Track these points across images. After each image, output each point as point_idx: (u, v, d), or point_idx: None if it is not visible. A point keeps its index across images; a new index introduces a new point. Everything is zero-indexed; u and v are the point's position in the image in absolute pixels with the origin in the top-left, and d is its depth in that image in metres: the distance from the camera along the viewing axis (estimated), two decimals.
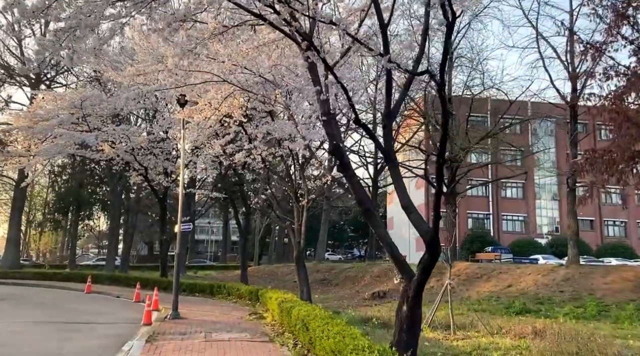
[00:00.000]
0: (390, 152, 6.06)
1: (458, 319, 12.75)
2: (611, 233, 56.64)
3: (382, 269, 23.23)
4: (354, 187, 6.56)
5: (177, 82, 8.20)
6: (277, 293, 13.67)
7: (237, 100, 9.18)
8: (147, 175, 22.99)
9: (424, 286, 6.66)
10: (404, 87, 6.44)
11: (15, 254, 35.83)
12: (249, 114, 13.42)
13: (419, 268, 6.51)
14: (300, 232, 15.34)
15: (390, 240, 6.79)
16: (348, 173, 6.47)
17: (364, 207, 6.62)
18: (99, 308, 16.02)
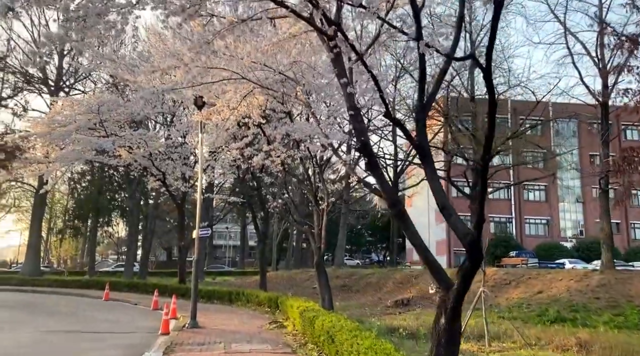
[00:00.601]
0: (425, 148, 5.50)
1: (491, 328, 12.06)
2: (638, 236, 55.02)
3: (405, 275, 22.52)
4: (383, 187, 6.01)
5: (193, 80, 7.77)
6: (298, 301, 13.13)
7: (256, 100, 8.73)
8: (165, 181, 22.74)
9: (464, 296, 6.05)
10: (437, 77, 5.89)
11: (35, 261, 35.98)
12: (268, 115, 12.96)
13: (458, 276, 5.91)
14: (320, 237, 14.81)
15: (424, 244, 6.21)
16: (376, 173, 5.92)
17: (395, 208, 6.06)
18: (116, 317, 15.68)
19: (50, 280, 28.45)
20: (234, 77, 8.11)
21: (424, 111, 5.66)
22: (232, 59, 8.32)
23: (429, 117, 23.72)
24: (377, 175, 5.89)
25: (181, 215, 24.81)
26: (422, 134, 5.51)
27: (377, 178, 5.88)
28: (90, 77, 35.63)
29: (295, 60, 8.80)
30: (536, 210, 53.21)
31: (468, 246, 5.55)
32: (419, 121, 5.56)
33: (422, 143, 5.51)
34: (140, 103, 18.52)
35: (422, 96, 5.48)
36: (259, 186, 20.46)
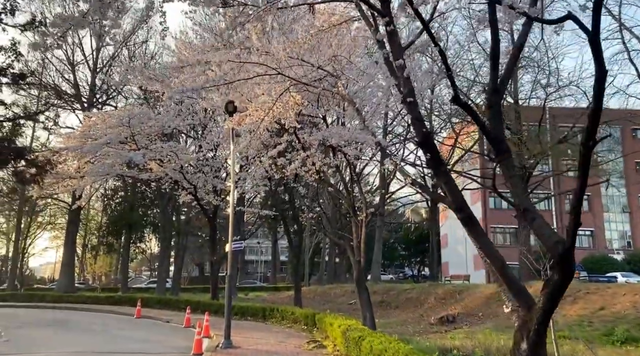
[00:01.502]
0: (500, 140, 4.59)
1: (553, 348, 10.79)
2: None
3: (447, 291, 21.23)
4: (450, 187, 5.11)
5: (225, 77, 7.10)
6: (338, 318, 12.16)
7: (292, 98, 8.02)
8: (196, 194, 22.28)
9: (551, 316, 5.02)
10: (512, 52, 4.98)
11: (70, 278, 36.09)
12: (302, 120, 12.19)
13: (544, 294, 4.89)
14: (360, 250, 13.86)
15: (500, 255, 5.23)
16: (441, 170, 5.04)
17: (463, 213, 5.13)
18: (147, 335, 15.04)
19: (84, 296, 28.28)
20: (270, 73, 7.39)
21: (498, 94, 4.75)
22: (267, 55, 7.59)
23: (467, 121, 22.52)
24: (441, 173, 4.99)
25: (213, 229, 24.26)
26: (497, 125, 4.59)
27: (442, 177, 4.99)
28: (122, 93, 35.96)
29: (335, 54, 8.02)
30: None
31: (559, 257, 4.55)
32: (492, 106, 4.65)
33: (498, 134, 4.58)
34: (170, 113, 18.16)
35: (496, 75, 4.58)
36: (292, 198, 19.69)
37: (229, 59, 6.58)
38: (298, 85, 8.10)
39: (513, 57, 5.08)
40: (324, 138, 12.00)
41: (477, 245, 5.39)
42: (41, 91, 31.58)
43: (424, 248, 72.29)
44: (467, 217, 5.15)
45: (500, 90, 4.88)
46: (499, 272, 5.29)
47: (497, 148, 4.66)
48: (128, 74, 21.99)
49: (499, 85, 4.78)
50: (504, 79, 4.95)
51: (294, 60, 7.53)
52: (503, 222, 51.63)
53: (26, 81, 19.54)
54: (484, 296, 18.80)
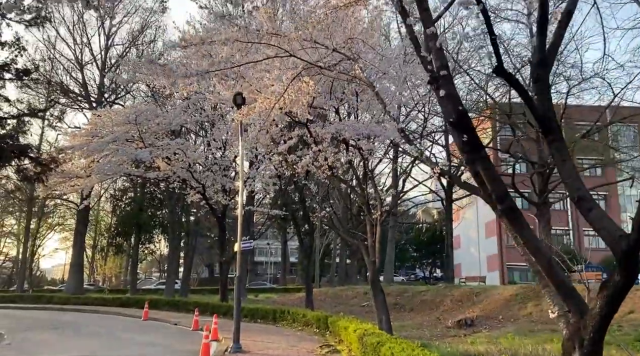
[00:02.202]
0: (549, 118, 3.94)
1: None
2: None
3: (464, 293, 20.45)
4: (490, 174, 4.45)
5: (232, 59, 6.51)
6: (353, 322, 11.49)
7: (304, 85, 7.42)
8: (205, 193, 21.76)
9: (609, 323, 4.33)
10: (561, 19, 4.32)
11: (78, 279, 35.76)
12: (316, 112, 11.56)
13: (601, 296, 4.20)
14: (374, 249, 13.19)
15: (546, 251, 4.56)
16: (479, 155, 4.39)
17: (504, 204, 4.47)
18: (154, 339, 14.49)
19: (92, 298, 27.89)
20: (281, 55, 6.78)
21: (545, 65, 4.09)
22: (278, 37, 6.97)
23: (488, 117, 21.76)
24: (480, 159, 4.34)
25: (222, 229, 23.71)
26: (545, 101, 3.92)
27: (480, 163, 4.33)
28: (131, 92, 35.65)
29: (351, 37, 7.39)
30: None
31: (622, 254, 3.86)
32: (539, 80, 3.99)
33: (546, 112, 3.92)
34: (177, 110, 17.64)
35: (543, 42, 3.93)
36: (302, 197, 19.08)
37: (235, 38, 5.98)
38: (311, 70, 7.48)
39: (562, 23, 4.42)
40: (337, 132, 11.37)
41: (521, 240, 4.72)
42: (49, 89, 31.28)
43: (436, 249, 71.29)
44: (509, 209, 4.49)
45: (548, 60, 4.23)
46: (545, 271, 4.61)
47: (547, 127, 4.02)
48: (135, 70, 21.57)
49: (547, 55, 4.14)
50: (552, 48, 4.31)
51: (306, 42, 6.92)
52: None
53: (30, 77, 19.16)
54: (503, 298, 18.04)
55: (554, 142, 4.05)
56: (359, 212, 33.72)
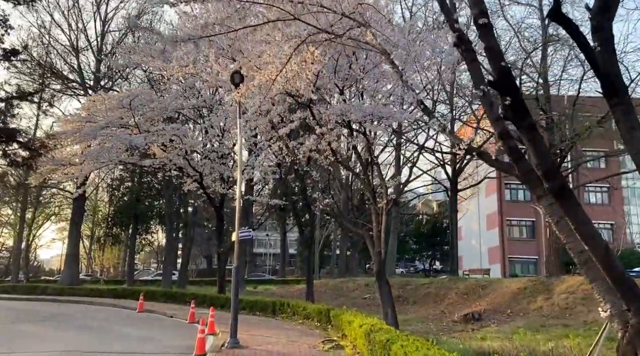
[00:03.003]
0: (615, 74, 3.22)
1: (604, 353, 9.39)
2: None
3: (469, 285, 19.79)
4: (537, 146, 3.75)
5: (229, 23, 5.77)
6: (358, 316, 10.81)
7: (310, 55, 6.67)
8: (202, 182, 21.04)
9: None
10: None
11: (74, 270, 35.07)
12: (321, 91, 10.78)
13: None
14: (380, 240, 12.49)
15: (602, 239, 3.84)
16: (526, 122, 3.66)
17: (554, 181, 3.76)
18: (147, 332, 13.83)
19: (86, 289, 27.25)
20: (284, 18, 6.01)
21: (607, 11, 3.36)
22: None
23: None
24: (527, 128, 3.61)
25: (219, 219, 23.02)
26: (609, 51, 3.19)
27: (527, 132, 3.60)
28: (127, 79, 34.78)
29: (361, 2, 6.62)
30: (598, 214, 48.88)
31: None
32: (600, 29, 3.26)
33: (610, 68, 3.18)
34: (173, 93, 16.86)
35: None
36: (303, 186, 18.35)
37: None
38: (317, 40, 6.71)
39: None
40: (342, 114, 10.61)
41: (573, 224, 4.02)
42: (41, 72, 30.31)
43: (436, 241, 70.78)
44: (560, 187, 3.79)
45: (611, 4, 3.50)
46: (601, 262, 3.91)
47: (611, 86, 3.30)
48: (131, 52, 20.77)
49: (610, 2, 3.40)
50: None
51: (312, 6, 6.15)
52: (519, 214, 50.03)
53: (19, 58, 18.33)
54: (511, 291, 17.39)
55: (618, 106, 3.33)
56: (360, 202, 33.18)
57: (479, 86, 4.16)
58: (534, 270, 48.12)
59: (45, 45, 34.49)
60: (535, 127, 3.90)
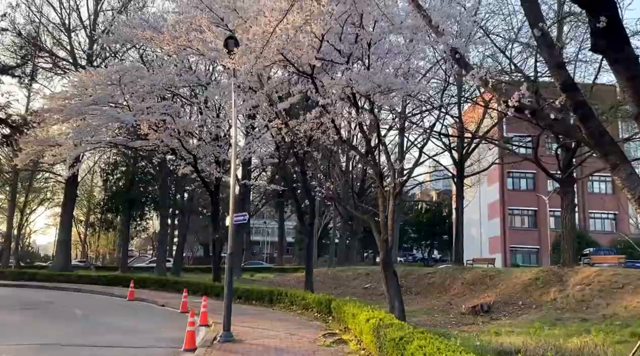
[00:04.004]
0: None
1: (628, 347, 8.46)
2: None
3: (476, 275, 18.88)
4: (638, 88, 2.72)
5: None
6: (364, 310, 9.85)
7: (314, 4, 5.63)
8: (196, 165, 20.00)
9: None
10: None
11: (65, 256, 34.07)
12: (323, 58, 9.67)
13: None
14: (386, 226, 11.50)
15: None
16: (624, 54, 2.66)
17: None
18: (135, 323, 12.88)
19: (76, 276, 26.28)
20: None
21: None
22: None
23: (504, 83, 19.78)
24: (626, 60, 2.61)
25: (215, 204, 22.03)
26: None
27: (624, 68, 2.59)
28: (122, 60, 33.49)
29: None
30: (602, 203, 47.99)
31: None
32: None
33: None
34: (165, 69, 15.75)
35: None
36: (303, 169, 17.33)
37: None
38: None
39: None
40: (348, 86, 9.53)
41: None
42: (26, 44, 28.94)
43: (436, 230, 70.10)
44: None
45: None
46: None
47: None
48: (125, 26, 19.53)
49: None
50: None
51: None
52: (521, 203, 49.18)
53: None
54: (521, 282, 16.49)
55: None
56: (361, 190, 32.24)
57: (537, 25, 3.16)
58: (535, 260, 47.43)
59: (36, 24, 33.17)
60: (638, 60, 2.92)
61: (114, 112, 16.48)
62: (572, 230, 17.50)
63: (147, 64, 23.85)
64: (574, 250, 17.67)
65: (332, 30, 8.93)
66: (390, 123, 14.35)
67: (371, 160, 11.40)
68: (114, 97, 17.95)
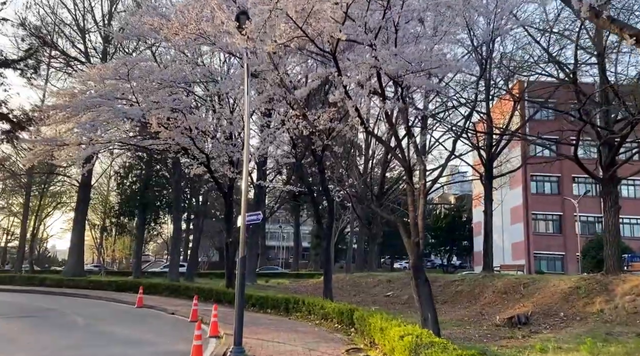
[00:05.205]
0: None
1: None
2: None
3: (509, 283, 17.44)
4: None
5: None
6: (394, 323, 8.59)
7: None
8: (209, 165, 19.00)
9: None
10: None
11: (78, 261, 33.32)
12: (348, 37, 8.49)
13: None
14: (417, 227, 10.25)
15: None
16: None
17: None
18: (140, 333, 11.82)
19: (86, 281, 25.44)
20: None
21: None
22: None
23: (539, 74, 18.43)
24: None
25: (228, 206, 20.98)
26: None
27: None
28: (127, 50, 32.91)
29: None
30: (635, 208, 45.85)
31: None
32: None
33: None
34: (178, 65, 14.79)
35: None
36: (322, 168, 16.16)
37: None
38: None
39: None
40: (376, 64, 8.34)
41: None
42: (35, 37, 28.31)
43: (455, 236, 68.21)
44: None
45: None
46: None
47: None
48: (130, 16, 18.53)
49: None
50: None
51: None
52: (546, 208, 47.25)
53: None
54: (560, 291, 15.05)
55: None
56: (380, 192, 30.91)
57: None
58: (560, 267, 45.49)
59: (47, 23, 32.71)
60: None
61: (121, 107, 15.55)
62: (616, 234, 16.02)
63: (158, 59, 23.04)
64: (619, 256, 16.15)
65: (358, 1, 7.78)
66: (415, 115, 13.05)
67: (399, 153, 10.18)
68: (123, 94, 17.08)
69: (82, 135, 16.11)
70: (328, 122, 10.99)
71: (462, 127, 14.79)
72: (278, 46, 8.02)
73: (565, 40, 16.78)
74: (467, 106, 19.07)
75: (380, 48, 7.74)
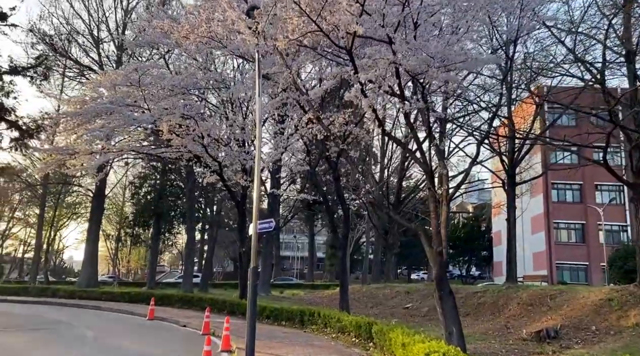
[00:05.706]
0: None
1: None
2: None
3: (535, 295, 16.57)
4: None
5: None
6: (416, 339, 7.95)
7: None
8: (222, 173, 18.59)
9: None
10: None
11: (91, 271, 33.13)
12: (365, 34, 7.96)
13: None
14: (440, 236, 9.60)
15: None
16: None
17: None
18: (150, 347, 11.32)
19: (99, 292, 25.12)
20: None
21: None
22: None
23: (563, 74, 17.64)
24: None
25: (242, 215, 20.52)
26: None
27: None
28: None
29: None
30: None
31: None
32: None
33: None
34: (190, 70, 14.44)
35: None
36: (337, 175, 15.61)
37: None
38: None
39: None
40: (395, 61, 7.78)
41: None
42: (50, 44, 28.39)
43: (473, 246, 66.78)
44: None
45: None
46: None
47: None
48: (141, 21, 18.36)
49: None
50: None
51: None
52: (568, 217, 45.88)
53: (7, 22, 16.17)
54: (591, 303, 14.20)
55: None
56: (397, 201, 30.22)
57: None
58: (584, 278, 43.95)
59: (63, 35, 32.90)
60: None
61: (131, 114, 15.23)
62: None
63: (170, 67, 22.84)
64: None
65: None
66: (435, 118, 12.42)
67: (421, 157, 9.58)
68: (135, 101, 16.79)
69: (93, 143, 15.80)
70: (343, 125, 10.48)
71: (486, 131, 14.16)
72: (290, 42, 7.53)
73: (590, 41, 16.09)
74: (487, 110, 18.38)
75: (399, 42, 7.20)
